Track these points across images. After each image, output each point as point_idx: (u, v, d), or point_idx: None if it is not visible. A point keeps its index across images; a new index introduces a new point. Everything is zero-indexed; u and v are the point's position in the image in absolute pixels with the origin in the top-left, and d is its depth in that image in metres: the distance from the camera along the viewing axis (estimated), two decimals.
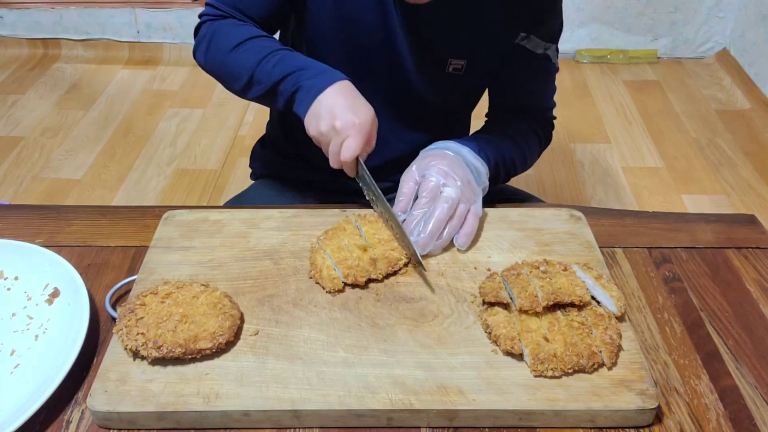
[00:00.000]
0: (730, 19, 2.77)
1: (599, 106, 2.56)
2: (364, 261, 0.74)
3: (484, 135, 0.97)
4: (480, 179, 0.87)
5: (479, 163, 0.89)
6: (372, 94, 0.98)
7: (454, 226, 0.80)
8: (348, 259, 0.74)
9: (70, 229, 0.88)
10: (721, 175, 2.17)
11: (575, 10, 2.78)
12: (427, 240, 0.77)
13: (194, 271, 0.77)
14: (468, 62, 0.95)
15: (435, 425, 0.62)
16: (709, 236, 0.86)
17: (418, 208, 0.80)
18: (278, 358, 0.66)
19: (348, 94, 0.82)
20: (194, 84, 2.71)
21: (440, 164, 0.83)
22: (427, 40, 0.93)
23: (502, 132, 0.99)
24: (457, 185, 0.81)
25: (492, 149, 0.93)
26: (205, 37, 0.93)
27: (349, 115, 0.79)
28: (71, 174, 2.20)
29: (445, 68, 0.96)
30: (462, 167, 0.84)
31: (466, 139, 0.92)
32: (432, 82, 0.98)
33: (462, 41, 0.93)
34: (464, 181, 0.82)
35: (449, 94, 1.02)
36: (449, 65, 0.95)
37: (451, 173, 0.82)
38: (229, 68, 0.90)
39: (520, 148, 0.99)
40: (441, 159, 0.84)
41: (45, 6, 2.88)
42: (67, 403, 0.65)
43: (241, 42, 0.89)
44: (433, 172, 0.82)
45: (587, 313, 0.68)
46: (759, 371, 0.68)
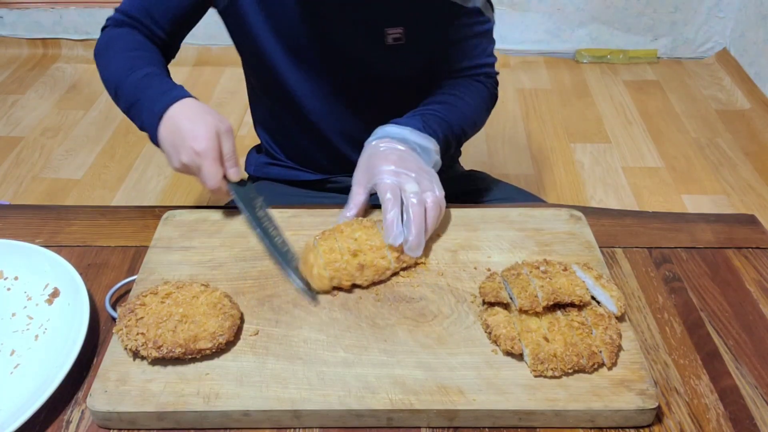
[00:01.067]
0: (730, 19, 2.77)
1: (599, 106, 2.56)
2: (351, 266, 0.74)
3: (428, 107, 0.94)
4: (430, 157, 0.85)
5: (426, 141, 0.86)
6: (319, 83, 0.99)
7: (434, 216, 0.78)
8: (337, 262, 0.74)
9: (70, 229, 0.88)
10: (721, 175, 2.17)
11: (575, 10, 2.78)
12: (416, 241, 0.75)
13: (194, 271, 0.77)
14: (406, 29, 0.93)
15: (435, 425, 0.62)
16: (709, 236, 0.86)
17: (387, 212, 0.76)
18: (278, 358, 0.66)
19: (182, 117, 0.80)
20: (194, 84, 2.71)
21: (388, 166, 0.80)
22: (358, 12, 0.91)
23: (446, 99, 0.96)
24: (412, 178, 0.79)
25: (437, 121, 0.90)
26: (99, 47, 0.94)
27: (189, 147, 0.77)
28: (71, 174, 2.20)
29: (384, 40, 0.93)
30: (409, 157, 0.82)
31: (409, 117, 0.90)
32: (376, 58, 0.96)
33: (394, 8, 0.92)
34: (418, 171, 0.80)
35: (398, 69, 1.00)
36: (387, 36, 0.93)
37: (402, 171, 0.79)
38: (106, 81, 0.91)
39: (467, 113, 0.97)
40: (385, 159, 0.81)
41: (45, 6, 2.88)
42: (67, 403, 0.65)
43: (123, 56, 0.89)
44: (384, 177, 0.79)
45: (587, 313, 0.68)
46: (759, 371, 0.68)
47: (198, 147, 0.77)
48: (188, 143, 0.77)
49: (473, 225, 0.84)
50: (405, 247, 0.75)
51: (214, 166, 0.78)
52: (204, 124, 0.78)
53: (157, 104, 0.81)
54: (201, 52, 2.86)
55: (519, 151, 2.30)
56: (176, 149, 0.79)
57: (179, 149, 0.78)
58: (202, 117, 0.79)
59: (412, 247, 0.75)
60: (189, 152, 0.78)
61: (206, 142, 0.77)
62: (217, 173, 0.78)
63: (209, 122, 0.79)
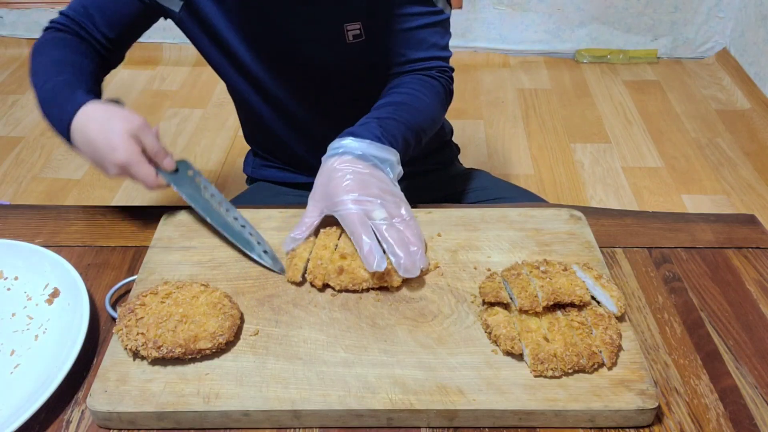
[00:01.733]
0: (730, 19, 2.77)
1: (599, 106, 2.56)
2: (331, 266, 0.73)
3: (385, 109, 0.89)
4: (392, 171, 0.81)
5: (387, 153, 0.81)
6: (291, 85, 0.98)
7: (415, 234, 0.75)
8: (320, 259, 0.74)
9: (70, 229, 0.88)
10: (721, 175, 2.17)
11: (575, 10, 2.78)
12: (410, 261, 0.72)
13: (194, 271, 0.77)
14: (363, 25, 0.92)
15: (435, 425, 0.62)
16: (709, 236, 0.86)
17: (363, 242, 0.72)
18: (278, 358, 0.66)
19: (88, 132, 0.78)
20: (194, 84, 2.71)
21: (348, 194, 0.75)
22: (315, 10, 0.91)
23: (402, 99, 0.92)
24: (378, 204, 0.75)
25: (396, 126, 0.86)
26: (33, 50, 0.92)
27: (110, 160, 0.76)
28: (71, 174, 2.20)
29: (345, 37, 0.92)
30: (371, 180, 0.77)
31: (366, 124, 0.84)
32: (339, 56, 0.96)
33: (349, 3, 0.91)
34: (381, 196, 0.76)
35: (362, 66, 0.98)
36: (347, 33, 0.92)
37: (365, 199, 0.75)
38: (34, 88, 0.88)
39: (424, 111, 0.93)
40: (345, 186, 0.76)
41: (45, 6, 2.88)
42: (67, 403, 0.65)
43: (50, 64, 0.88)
44: (347, 207, 0.75)
45: (587, 313, 0.68)
46: (759, 371, 0.68)
47: (119, 158, 0.76)
48: (108, 158, 0.76)
49: (473, 225, 0.84)
50: (401, 271, 0.72)
51: (142, 169, 0.77)
52: (114, 132, 0.76)
53: (64, 115, 0.80)
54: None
55: (519, 151, 2.30)
56: (100, 164, 0.78)
57: (103, 164, 0.78)
58: (109, 124, 0.77)
59: (408, 268, 0.72)
60: (113, 166, 0.77)
61: (124, 150, 0.76)
62: (149, 174, 0.77)
63: (118, 128, 0.76)
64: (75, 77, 0.86)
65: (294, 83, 1.00)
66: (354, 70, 0.99)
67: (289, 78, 0.99)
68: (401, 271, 0.72)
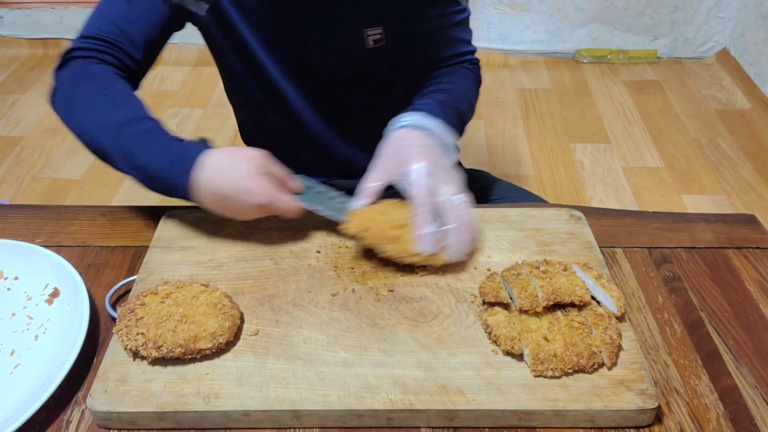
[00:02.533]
0: (730, 19, 2.77)
1: (599, 106, 2.56)
2: (388, 233, 0.75)
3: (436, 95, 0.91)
4: (452, 154, 0.83)
5: (449, 137, 0.84)
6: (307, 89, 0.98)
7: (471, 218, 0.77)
8: (381, 223, 0.75)
9: (70, 229, 0.88)
10: (721, 175, 2.17)
11: (575, 10, 2.78)
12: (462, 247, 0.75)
13: (194, 271, 0.77)
14: (385, 29, 0.92)
15: (435, 425, 0.62)
16: (709, 236, 0.86)
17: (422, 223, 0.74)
18: (278, 358, 0.66)
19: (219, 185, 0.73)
20: (194, 84, 2.71)
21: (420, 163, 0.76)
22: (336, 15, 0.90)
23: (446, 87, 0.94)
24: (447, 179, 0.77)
25: (450, 114, 0.88)
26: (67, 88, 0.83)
27: (252, 205, 0.74)
28: (71, 174, 2.20)
29: (364, 43, 0.92)
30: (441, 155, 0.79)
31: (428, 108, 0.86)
32: (358, 61, 0.96)
33: (371, 8, 0.91)
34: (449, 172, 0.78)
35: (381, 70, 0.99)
36: (368, 38, 0.92)
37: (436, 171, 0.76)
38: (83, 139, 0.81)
39: (466, 99, 0.97)
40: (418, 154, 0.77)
41: (45, 6, 2.88)
42: (67, 403, 0.65)
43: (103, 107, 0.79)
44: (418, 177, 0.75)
45: (587, 313, 0.68)
46: (759, 371, 0.68)
47: (258, 200, 0.73)
48: (249, 204, 0.73)
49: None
50: (451, 255, 0.74)
51: (283, 202, 0.75)
52: (243, 177, 0.73)
53: (179, 174, 0.74)
54: (201, 52, 2.86)
55: (519, 151, 2.30)
56: (239, 212, 0.76)
57: (243, 212, 0.75)
58: (235, 171, 0.73)
59: (458, 253, 0.75)
60: (255, 210, 0.74)
61: (262, 191, 0.73)
62: (291, 204, 0.76)
63: (245, 169, 0.73)
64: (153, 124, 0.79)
65: (309, 87, 0.99)
66: (371, 75, 0.99)
67: (305, 82, 0.98)
68: (451, 255, 0.74)
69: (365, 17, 0.91)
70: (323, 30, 0.92)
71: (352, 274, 0.76)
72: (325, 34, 0.92)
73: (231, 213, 0.76)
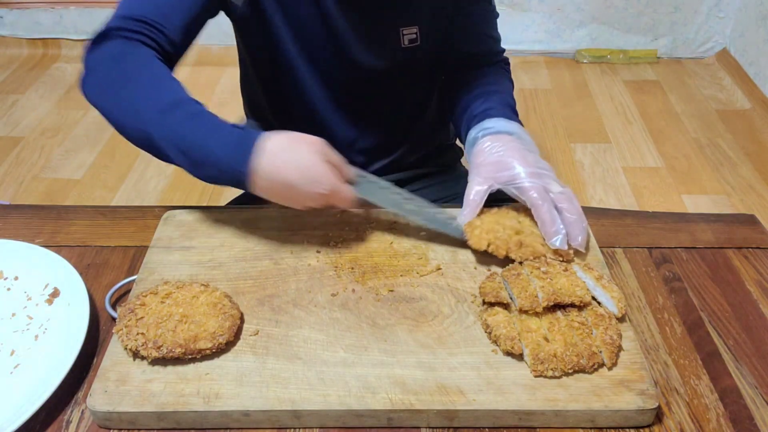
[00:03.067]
0: (730, 19, 2.77)
1: (599, 106, 2.56)
2: (511, 240, 0.76)
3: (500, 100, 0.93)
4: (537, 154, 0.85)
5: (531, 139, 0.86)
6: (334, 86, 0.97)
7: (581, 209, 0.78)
8: (498, 232, 0.77)
9: (70, 229, 0.88)
10: (721, 175, 2.17)
11: (575, 10, 2.78)
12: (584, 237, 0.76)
13: (194, 271, 0.77)
14: (420, 29, 0.93)
15: (435, 425, 0.62)
16: (709, 236, 0.86)
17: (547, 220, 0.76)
18: (278, 358, 0.66)
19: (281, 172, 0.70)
20: (194, 84, 2.71)
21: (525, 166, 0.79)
22: (373, 15, 0.91)
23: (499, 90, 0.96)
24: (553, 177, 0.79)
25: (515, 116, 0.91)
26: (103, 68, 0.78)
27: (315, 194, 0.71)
28: (71, 174, 2.20)
29: (400, 42, 0.93)
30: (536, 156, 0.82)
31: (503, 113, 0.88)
32: (393, 60, 0.96)
33: (407, 7, 0.91)
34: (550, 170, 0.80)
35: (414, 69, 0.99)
36: (403, 37, 0.93)
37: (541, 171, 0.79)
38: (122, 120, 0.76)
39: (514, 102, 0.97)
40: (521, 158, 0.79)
41: (45, 6, 2.88)
42: (67, 403, 0.65)
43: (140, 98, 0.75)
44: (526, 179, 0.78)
45: (587, 313, 0.68)
46: (759, 371, 0.68)
47: (325, 190, 0.71)
48: (313, 193, 0.71)
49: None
50: (578, 246, 0.76)
51: (345, 192, 0.74)
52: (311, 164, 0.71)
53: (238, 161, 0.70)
54: (201, 52, 2.86)
55: None
56: (299, 201, 0.73)
57: (304, 201, 0.73)
58: (301, 157, 0.71)
59: (582, 244, 0.76)
60: (317, 199, 0.72)
61: (327, 180, 0.71)
62: (351, 195, 0.74)
63: (310, 157, 0.71)
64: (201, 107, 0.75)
65: (338, 85, 0.98)
66: (403, 75, 1.00)
67: (335, 80, 0.97)
68: (579, 246, 0.76)
69: (402, 16, 0.92)
70: (362, 28, 0.92)
71: (352, 274, 0.76)
72: (363, 32, 0.92)
73: (289, 202, 0.73)
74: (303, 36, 0.93)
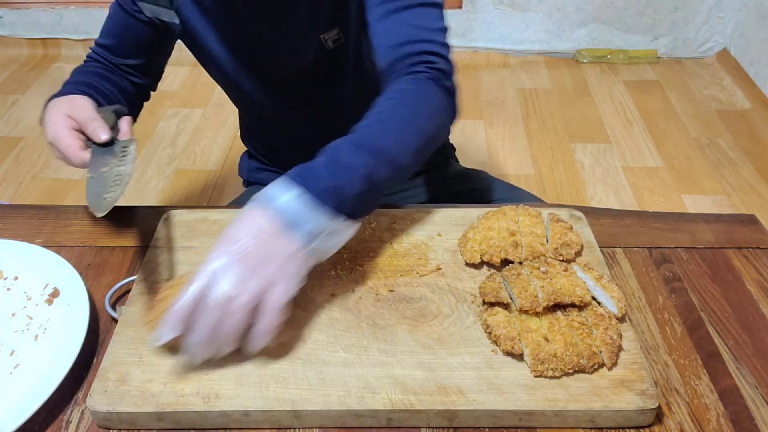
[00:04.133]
0: (731, 19, 2.76)
1: (599, 106, 2.56)
2: (506, 242, 0.76)
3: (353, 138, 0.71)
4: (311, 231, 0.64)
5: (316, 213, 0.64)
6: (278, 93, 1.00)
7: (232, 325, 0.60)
8: (492, 238, 0.77)
9: (70, 229, 0.88)
10: (721, 175, 2.17)
11: (575, 10, 2.78)
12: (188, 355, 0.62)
13: (194, 271, 0.77)
14: (341, 29, 0.91)
15: (435, 425, 0.62)
16: (709, 236, 0.86)
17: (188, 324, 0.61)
18: (278, 358, 0.66)
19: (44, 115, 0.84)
20: (194, 84, 2.71)
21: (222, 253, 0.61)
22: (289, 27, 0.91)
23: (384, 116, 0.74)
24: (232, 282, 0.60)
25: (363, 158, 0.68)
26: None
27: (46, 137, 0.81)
28: (71, 174, 2.20)
29: (324, 46, 0.92)
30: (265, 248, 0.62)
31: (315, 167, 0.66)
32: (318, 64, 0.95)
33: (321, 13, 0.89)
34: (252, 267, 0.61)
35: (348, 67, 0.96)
36: (326, 41, 0.91)
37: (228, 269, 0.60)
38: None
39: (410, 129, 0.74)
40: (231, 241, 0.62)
41: (45, 6, 2.88)
42: (67, 403, 0.65)
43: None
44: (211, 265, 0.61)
45: (587, 313, 0.68)
46: (759, 371, 0.68)
47: (48, 137, 0.80)
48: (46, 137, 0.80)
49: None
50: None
51: (65, 141, 0.78)
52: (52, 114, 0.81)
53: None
54: None
55: (519, 151, 2.30)
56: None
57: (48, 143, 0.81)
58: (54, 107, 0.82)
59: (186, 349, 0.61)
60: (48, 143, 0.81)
61: (52, 129, 0.79)
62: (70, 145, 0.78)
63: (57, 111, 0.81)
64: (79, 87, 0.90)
65: (278, 91, 1.01)
66: (337, 75, 0.99)
67: (273, 86, 1.00)
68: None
69: (319, 24, 0.90)
70: (282, 35, 0.93)
71: (352, 274, 0.76)
72: (283, 38, 0.93)
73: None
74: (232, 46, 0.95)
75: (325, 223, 0.64)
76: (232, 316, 0.60)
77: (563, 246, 0.76)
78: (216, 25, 0.93)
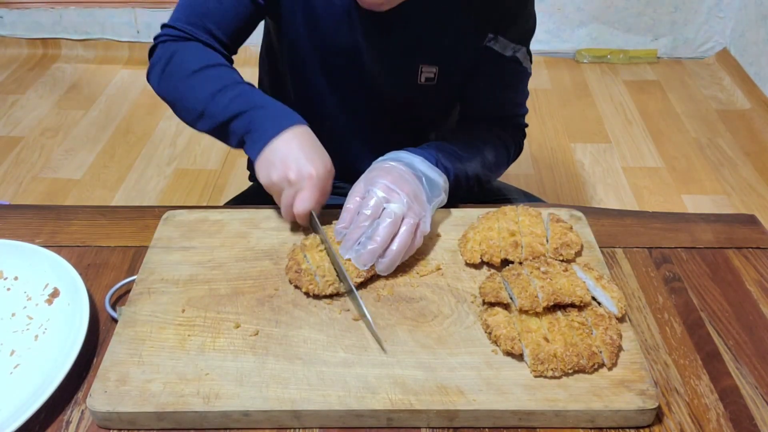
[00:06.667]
0: (730, 19, 2.77)
1: (599, 106, 2.56)
2: (506, 242, 0.76)
3: (447, 144, 0.90)
4: (435, 191, 0.81)
5: (435, 174, 0.82)
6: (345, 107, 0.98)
7: (403, 242, 0.73)
8: (492, 239, 0.77)
9: (70, 229, 0.88)
10: (721, 175, 2.17)
11: (575, 10, 2.78)
12: (367, 256, 0.72)
13: (194, 271, 0.77)
14: (440, 69, 0.93)
15: (435, 425, 0.62)
16: (709, 236, 0.86)
17: (357, 225, 0.74)
18: (278, 358, 0.66)
19: (304, 141, 0.78)
20: None
21: (385, 179, 0.76)
22: (396, 47, 0.91)
23: (468, 141, 0.93)
24: (403, 201, 0.74)
25: (452, 159, 0.87)
26: (161, 59, 0.88)
27: (305, 167, 0.76)
28: (71, 174, 2.20)
29: (417, 78, 0.93)
30: (410, 181, 0.78)
31: (424, 148, 0.86)
32: (406, 93, 0.97)
33: (431, 46, 0.91)
34: (411, 196, 0.76)
35: (423, 107, 1.00)
36: (421, 74, 0.93)
37: (395, 189, 0.75)
38: (182, 96, 0.86)
39: (485, 159, 0.93)
40: (387, 173, 0.77)
41: (45, 6, 2.88)
42: (67, 403, 0.65)
43: (199, 69, 0.84)
44: (376, 188, 0.75)
45: (587, 313, 0.68)
46: (759, 371, 0.68)
47: (314, 171, 0.76)
48: (305, 164, 0.76)
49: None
50: (359, 267, 0.73)
51: (317, 194, 0.76)
52: (324, 157, 0.79)
53: (284, 117, 0.80)
54: None
55: None
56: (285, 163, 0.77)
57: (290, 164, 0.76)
58: (323, 151, 0.80)
59: (359, 259, 0.73)
60: (302, 172, 0.76)
61: (322, 169, 0.77)
62: (314, 202, 0.76)
63: (328, 159, 0.79)
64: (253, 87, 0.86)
65: (353, 106, 0.99)
66: (415, 110, 1.00)
67: (351, 100, 0.99)
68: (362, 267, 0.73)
69: (424, 53, 0.92)
70: (379, 55, 0.92)
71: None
72: (381, 59, 0.92)
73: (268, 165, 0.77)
74: (329, 63, 0.94)
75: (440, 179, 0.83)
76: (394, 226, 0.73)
77: (563, 246, 0.76)
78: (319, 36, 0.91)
